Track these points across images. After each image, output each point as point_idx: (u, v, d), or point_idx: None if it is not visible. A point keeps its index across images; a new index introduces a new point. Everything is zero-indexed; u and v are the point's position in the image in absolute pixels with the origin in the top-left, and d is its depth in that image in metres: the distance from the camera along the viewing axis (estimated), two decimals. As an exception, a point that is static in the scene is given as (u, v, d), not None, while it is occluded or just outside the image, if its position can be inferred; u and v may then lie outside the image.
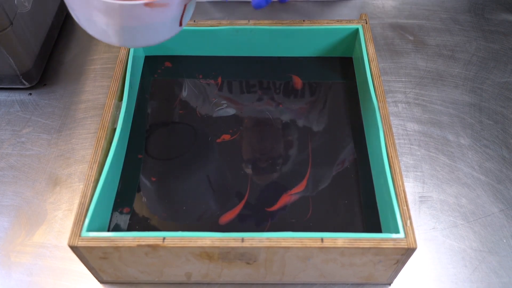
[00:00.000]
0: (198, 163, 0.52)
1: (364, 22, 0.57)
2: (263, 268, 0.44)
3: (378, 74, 0.52)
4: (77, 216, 0.42)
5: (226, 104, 0.57)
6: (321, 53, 0.61)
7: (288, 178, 0.51)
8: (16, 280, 0.48)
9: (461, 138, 0.58)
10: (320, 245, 0.40)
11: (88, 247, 0.41)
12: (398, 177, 0.44)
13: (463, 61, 0.67)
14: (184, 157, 0.52)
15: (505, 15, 0.73)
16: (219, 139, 0.54)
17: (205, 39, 0.59)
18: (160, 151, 0.53)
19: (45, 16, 0.65)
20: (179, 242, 0.40)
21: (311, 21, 0.58)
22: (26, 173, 0.55)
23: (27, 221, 0.51)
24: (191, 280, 0.47)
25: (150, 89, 0.59)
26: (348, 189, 0.50)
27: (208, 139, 0.54)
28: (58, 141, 0.58)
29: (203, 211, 0.48)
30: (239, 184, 0.50)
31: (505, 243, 0.50)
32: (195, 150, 0.53)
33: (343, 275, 0.45)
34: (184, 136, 0.54)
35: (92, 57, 0.68)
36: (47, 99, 0.62)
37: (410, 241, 0.40)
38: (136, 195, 0.50)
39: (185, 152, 0.53)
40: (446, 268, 0.48)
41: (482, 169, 0.55)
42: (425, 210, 0.52)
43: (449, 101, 0.62)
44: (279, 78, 0.59)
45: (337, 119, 0.56)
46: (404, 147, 0.57)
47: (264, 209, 0.48)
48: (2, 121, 0.60)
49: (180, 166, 0.52)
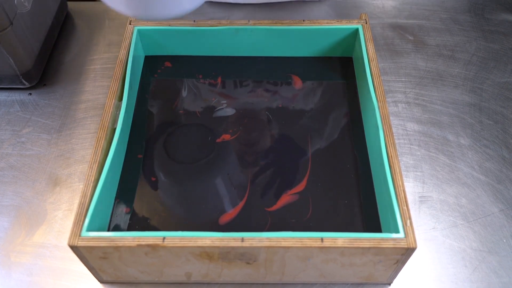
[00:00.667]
0: (198, 163, 0.52)
1: (364, 22, 0.57)
2: (263, 268, 0.44)
3: (378, 74, 0.52)
4: (77, 216, 0.42)
5: (226, 104, 0.57)
6: (321, 53, 0.61)
7: (288, 178, 0.51)
8: (16, 280, 0.48)
9: (461, 138, 0.58)
10: (320, 245, 0.40)
11: (88, 247, 0.41)
12: (398, 177, 0.44)
13: (463, 61, 0.67)
14: (184, 157, 0.52)
15: (505, 15, 0.73)
16: (219, 139, 0.54)
17: (205, 39, 0.59)
18: (159, 151, 0.53)
19: (45, 16, 0.65)
20: (179, 242, 0.40)
21: (311, 21, 0.58)
22: (26, 173, 0.55)
23: (27, 221, 0.51)
24: (191, 280, 0.47)
25: (150, 89, 0.59)
26: (348, 189, 0.50)
27: (208, 139, 0.54)
28: (58, 141, 0.58)
29: (203, 211, 0.48)
30: (239, 184, 0.50)
31: (505, 243, 0.50)
32: (195, 150, 0.53)
33: (343, 275, 0.45)
34: (184, 136, 0.54)
35: (92, 57, 0.68)
36: (47, 99, 0.62)
37: (410, 241, 0.40)
38: (136, 195, 0.50)
39: (185, 152, 0.52)
40: (446, 268, 0.48)
41: (482, 169, 0.55)
42: (425, 210, 0.52)
43: (449, 101, 0.62)
44: (279, 78, 0.59)
45: (337, 118, 0.56)
46: (404, 147, 0.57)
47: (264, 209, 0.48)
48: (2, 121, 0.60)
49: (180, 166, 0.52)
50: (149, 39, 0.59)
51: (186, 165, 0.52)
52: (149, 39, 0.59)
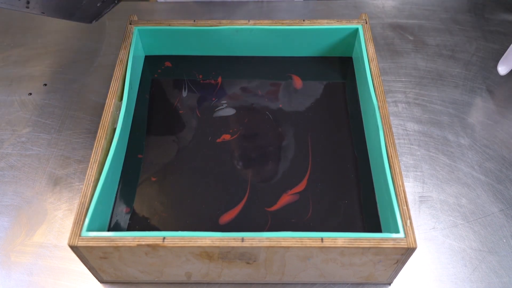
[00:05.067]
0: (198, 163, 0.52)
1: (364, 22, 0.57)
2: (263, 268, 0.44)
3: (378, 74, 0.52)
4: (77, 216, 0.42)
5: (226, 104, 0.57)
6: (321, 53, 0.61)
7: (288, 178, 0.51)
8: (16, 280, 0.48)
9: (461, 138, 0.58)
10: (320, 245, 0.40)
11: (88, 247, 0.41)
12: (398, 177, 0.44)
13: (463, 61, 0.67)
14: (184, 157, 0.52)
15: (505, 15, 0.73)
16: (219, 139, 0.54)
17: (205, 39, 0.59)
18: (160, 151, 0.53)
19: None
20: (179, 242, 0.40)
21: (311, 21, 0.58)
22: (26, 173, 0.55)
23: (27, 221, 0.51)
24: (191, 280, 0.47)
25: (150, 89, 0.59)
26: (348, 189, 0.50)
27: (208, 139, 0.54)
28: (58, 141, 0.58)
29: (203, 211, 0.48)
30: (239, 184, 0.50)
31: (505, 243, 0.50)
32: (195, 150, 0.53)
33: (343, 275, 0.45)
34: (184, 136, 0.54)
35: (92, 57, 0.67)
36: (47, 99, 0.62)
37: (410, 241, 0.40)
38: (136, 195, 0.50)
39: (185, 152, 0.52)
40: (446, 268, 0.48)
41: (482, 169, 0.55)
42: (425, 210, 0.52)
43: (449, 101, 0.62)
44: (279, 78, 0.59)
45: (337, 119, 0.56)
46: (404, 147, 0.57)
47: (264, 209, 0.48)
48: (2, 121, 0.60)
49: (180, 166, 0.52)
50: (149, 39, 0.59)
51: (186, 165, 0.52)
52: (149, 39, 0.59)
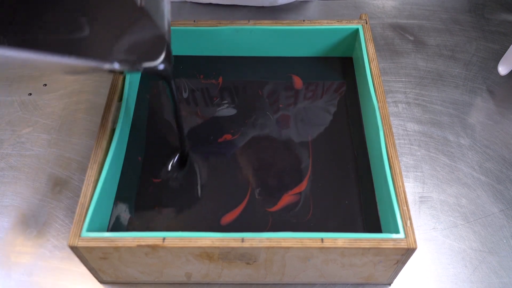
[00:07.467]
0: (199, 163, 0.52)
1: (364, 22, 0.57)
2: (263, 268, 0.44)
3: (378, 74, 0.52)
4: (77, 216, 0.42)
5: (227, 104, 0.57)
6: (321, 53, 0.61)
7: (289, 178, 0.51)
8: (16, 280, 0.48)
9: (461, 138, 0.58)
10: (320, 245, 0.40)
11: (88, 247, 0.41)
12: (398, 177, 0.44)
13: (463, 61, 0.67)
14: (185, 157, 0.52)
15: (505, 15, 0.73)
16: (221, 139, 0.54)
17: (205, 39, 0.59)
18: (160, 151, 0.53)
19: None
20: (179, 242, 0.40)
21: (311, 21, 0.58)
22: (26, 173, 0.55)
23: (27, 221, 0.51)
24: (191, 280, 0.47)
25: (150, 89, 0.59)
26: (348, 189, 0.50)
27: (209, 139, 0.54)
28: (58, 141, 0.58)
29: (204, 211, 0.48)
30: (240, 185, 0.50)
31: (505, 243, 0.50)
32: (196, 150, 0.53)
33: (343, 275, 0.45)
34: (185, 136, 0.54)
35: (92, 57, 0.67)
36: (47, 99, 0.62)
37: (410, 241, 0.40)
38: (136, 195, 0.50)
39: (186, 153, 0.52)
40: (446, 268, 0.48)
41: (482, 169, 0.55)
42: (425, 210, 0.52)
43: (449, 101, 0.62)
44: (279, 78, 0.59)
45: (337, 119, 0.56)
46: (404, 147, 0.57)
47: (265, 209, 0.48)
48: (2, 121, 0.60)
49: (180, 166, 0.52)
50: (149, 39, 0.59)
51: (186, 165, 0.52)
52: (149, 39, 0.59)
